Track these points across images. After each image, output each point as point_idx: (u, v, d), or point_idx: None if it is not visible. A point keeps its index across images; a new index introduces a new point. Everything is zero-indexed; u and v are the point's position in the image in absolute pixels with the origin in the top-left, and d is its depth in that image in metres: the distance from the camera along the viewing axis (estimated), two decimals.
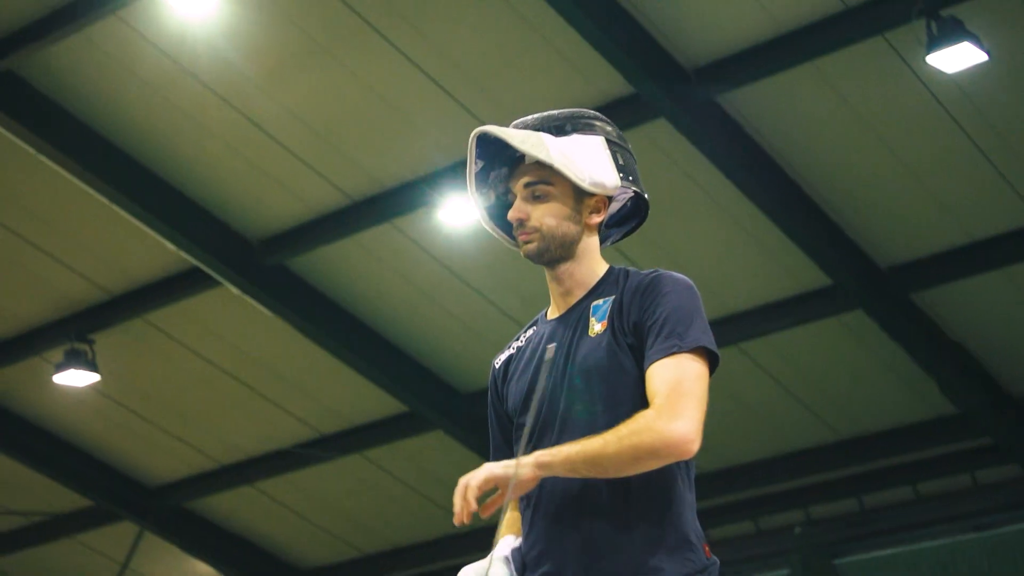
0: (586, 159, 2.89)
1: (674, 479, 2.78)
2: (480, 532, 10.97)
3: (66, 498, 11.65)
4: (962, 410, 9.37)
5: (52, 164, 8.31)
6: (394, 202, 8.59)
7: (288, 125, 8.25)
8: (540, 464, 2.68)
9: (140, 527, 11.74)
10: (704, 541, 2.79)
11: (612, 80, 7.68)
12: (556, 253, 2.91)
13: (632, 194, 3.02)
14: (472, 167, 3.00)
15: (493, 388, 3.03)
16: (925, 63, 7.17)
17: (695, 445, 2.67)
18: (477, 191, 3.02)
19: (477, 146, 2.98)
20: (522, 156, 2.94)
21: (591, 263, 2.95)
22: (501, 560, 2.82)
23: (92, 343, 9.84)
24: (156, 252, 9.11)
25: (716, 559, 2.77)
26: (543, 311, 3.03)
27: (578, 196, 2.92)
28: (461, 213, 8.42)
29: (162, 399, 10.63)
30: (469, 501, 2.66)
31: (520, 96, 7.93)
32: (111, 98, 8.20)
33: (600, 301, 2.89)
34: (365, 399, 10.25)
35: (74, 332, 9.81)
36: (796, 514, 10.67)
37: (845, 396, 9.76)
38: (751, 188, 8.07)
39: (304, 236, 8.94)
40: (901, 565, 10.34)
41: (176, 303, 9.61)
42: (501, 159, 2.99)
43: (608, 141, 2.94)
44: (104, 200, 8.55)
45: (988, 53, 7.08)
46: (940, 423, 9.69)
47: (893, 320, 8.79)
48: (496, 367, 3.04)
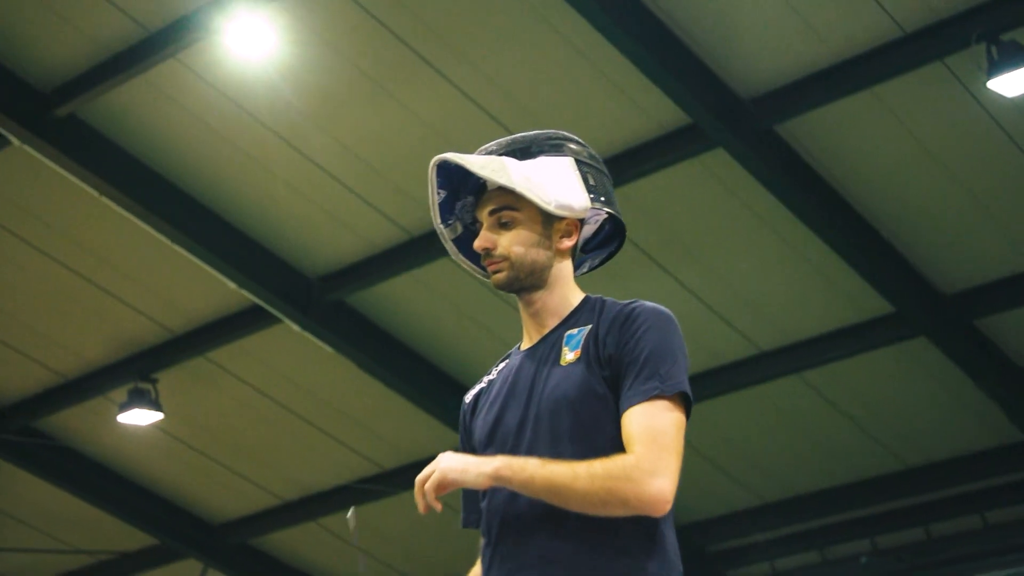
0: (552, 181, 2.78)
1: (657, 521, 2.63)
2: None
3: (132, 536, 11.72)
4: None
5: (114, 206, 8.40)
6: None
7: (345, 161, 8.29)
8: (498, 476, 2.57)
9: (204, 564, 11.78)
10: None
11: (669, 111, 7.67)
12: (526, 281, 2.80)
13: (606, 216, 2.90)
14: (434, 197, 2.87)
15: (462, 424, 2.92)
16: (985, 88, 7.12)
17: (669, 505, 2.55)
18: (444, 223, 2.90)
19: (439, 175, 2.85)
20: (487, 184, 2.83)
21: (564, 291, 2.83)
22: None
23: (155, 382, 9.91)
24: (217, 291, 9.17)
25: None
26: (516, 345, 2.91)
27: (546, 221, 2.79)
28: None
29: (225, 436, 10.69)
30: (428, 499, 2.67)
31: (575, 129, 7.86)
32: (171, 139, 8.28)
33: (574, 331, 2.77)
34: (425, 433, 10.26)
35: (138, 371, 9.89)
36: (862, 544, 10.57)
37: (909, 424, 9.67)
38: (811, 217, 8.02)
39: (362, 272, 8.98)
40: None
41: (237, 341, 9.67)
42: (467, 188, 2.87)
43: (578, 161, 2.83)
44: (166, 240, 8.62)
45: None
46: (1007, 450, 9.58)
47: (957, 347, 8.71)
48: (466, 402, 2.92)
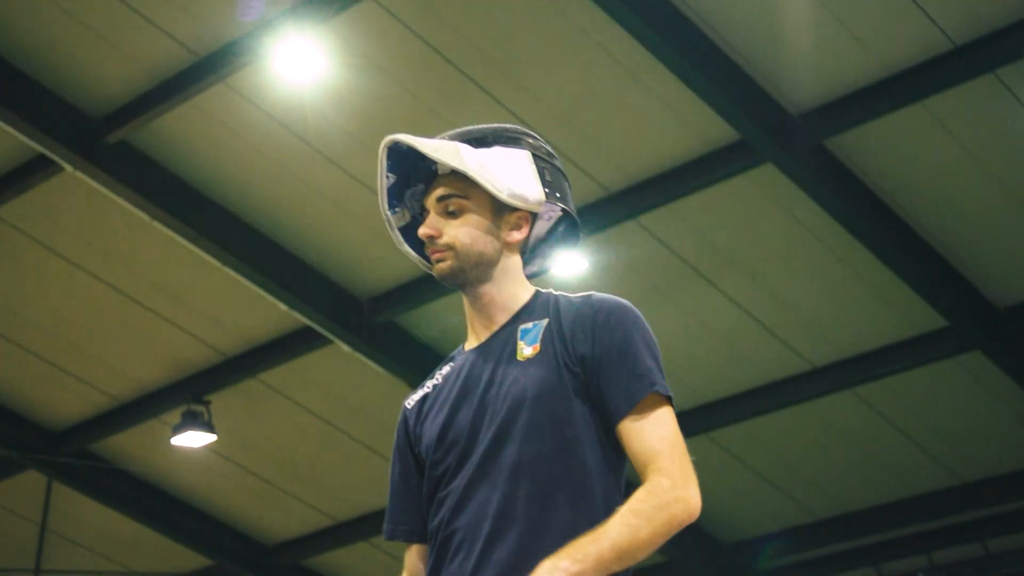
0: (506, 171, 2.64)
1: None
2: None
3: (186, 558, 11.78)
4: None
5: (165, 229, 8.46)
6: None
7: None
8: (570, 574, 2.32)
9: None
10: None
11: (717, 127, 7.65)
12: (471, 274, 2.65)
13: (560, 213, 2.76)
14: (383, 181, 2.73)
15: (403, 430, 2.72)
16: None
17: (700, 509, 2.50)
18: (391, 209, 2.75)
19: (389, 158, 2.71)
20: (438, 171, 2.69)
21: (513, 286, 2.69)
22: None
23: (208, 404, 9.96)
24: (268, 312, 9.21)
25: None
26: (460, 346, 2.77)
27: (497, 211, 2.66)
28: (570, 264, 8.42)
29: (277, 457, 10.72)
30: None
31: (625, 146, 7.94)
32: (221, 163, 8.33)
33: (529, 325, 2.63)
34: None
35: (191, 394, 9.94)
36: (919, 560, 10.48)
37: (965, 439, 9.58)
38: (861, 231, 7.98)
39: (411, 292, 8.99)
40: None
41: (289, 362, 9.71)
42: (418, 175, 2.74)
43: (535, 156, 2.70)
44: (216, 263, 8.67)
45: None
46: None
47: (1012, 360, 8.63)
48: (408, 407, 2.75)
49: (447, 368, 2.74)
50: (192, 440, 10.03)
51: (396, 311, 9.13)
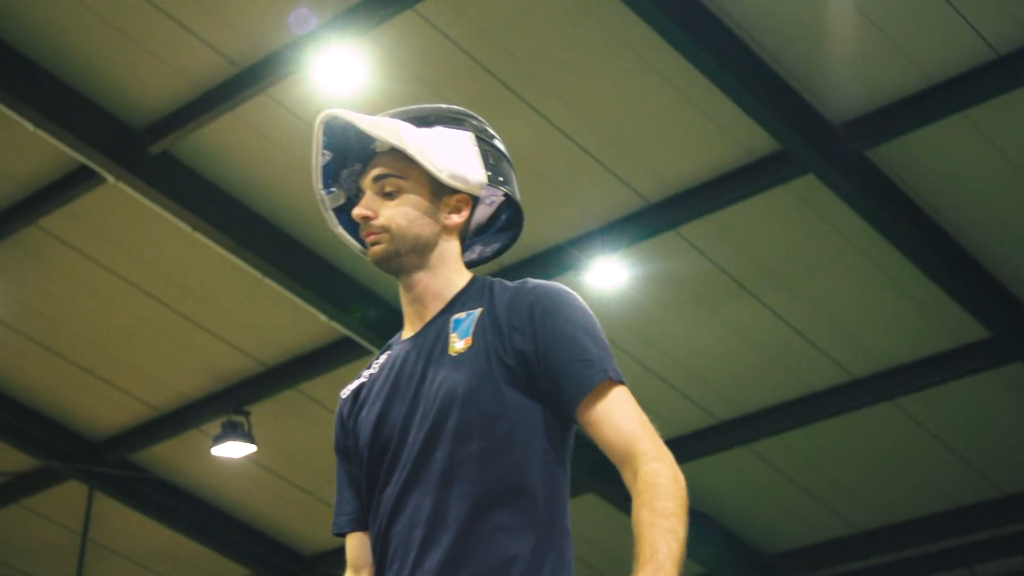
0: (448, 151, 2.54)
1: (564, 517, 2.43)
2: None
3: (226, 568, 11.81)
4: None
5: (207, 240, 8.49)
6: (542, 266, 8.60)
7: None
8: None
9: None
10: None
11: (758, 138, 7.63)
12: (407, 259, 2.55)
13: (503, 198, 2.67)
14: (317, 159, 2.64)
15: (339, 423, 2.63)
16: None
17: None
18: (325, 189, 2.66)
19: (325, 134, 2.62)
20: (376, 150, 2.60)
21: (449, 273, 2.57)
22: None
23: (248, 415, 9.99)
24: (308, 323, 9.24)
25: None
26: (398, 333, 2.65)
27: (436, 193, 2.55)
28: (609, 275, 8.41)
29: (316, 467, 10.74)
30: None
31: (665, 156, 7.92)
32: (262, 174, 8.37)
33: (462, 315, 2.51)
34: None
35: (230, 404, 9.98)
36: (961, 572, 10.43)
37: (1007, 450, 9.52)
38: (903, 242, 7.94)
39: None
40: None
41: (329, 373, 9.73)
42: (355, 153, 2.65)
43: (478, 138, 2.60)
44: (257, 274, 8.70)
45: None
46: None
47: None
48: (343, 398, 2.63)
49: (384, 357, 2.62)
50: (232, 451, 10.06)
51: None
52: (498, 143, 2.65)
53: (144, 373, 10.09)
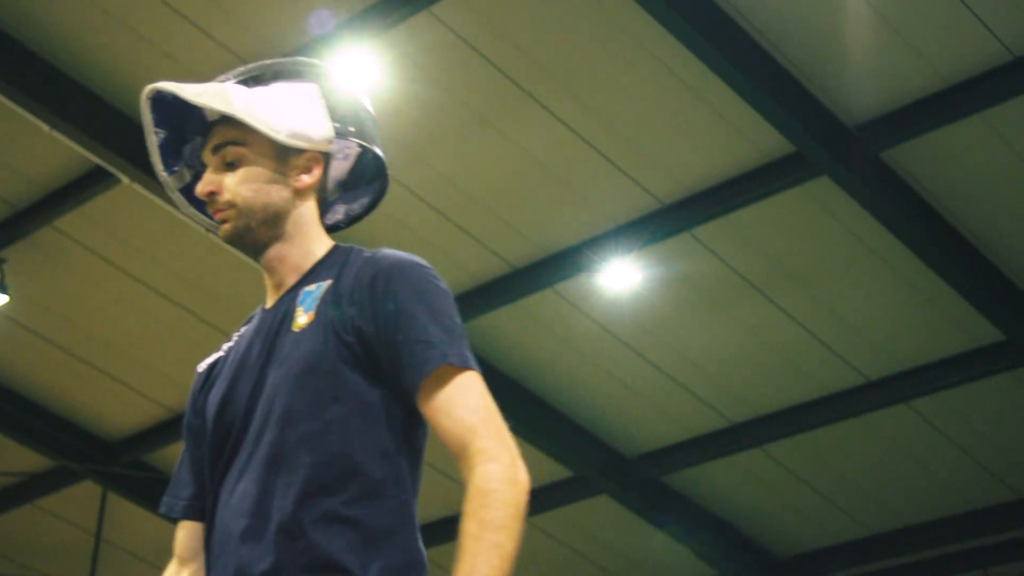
0: (285, 108, 2.36)
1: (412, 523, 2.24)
2: None
3: None
4: None
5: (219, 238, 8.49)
6: (555, 268, 8.61)
7: (446, 194, 8.33)
8: None
9: None
10: None
11: (773, 139, 7.62)
12: (260, 232, 2.36)
13: (358, 150, 2.47)
14: (151, 138, 2.42)
15: (191, 400, 2.44)
16: None
17: None
18: (167, 170, 2.45)
19: (155, 111, 2.41)
20: (216, 121, 2.40)
21: (307, 242, 2.39)
22: None
23: None
24: None
25: None
26: (262, 304, 2.47)
27: (281, 156, 2.37)
28: (623, 277, 8.41)
29: None
30: None
31: (679, 158, 7.92)
32: None
33: (312, 287, 2.32)
34: (529, 465, 10.16)
35: None
36: (976, 575, 10.39)
37: (1022, 453, 9.50)
38: (918, 244, 7.92)
39: (464, 304, 8.98)
40: None
41: None
42: (194, 127, 2.45)
43: (323, 88, 2.43)
44: None
45: None
46: None
47: None
48: (199, 373, 2.46)
49: (244, 329, 2.45)
50: None
51: None
52: (351, 91, 2.47)
53: (158, 374, 10.10)
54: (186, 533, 2.41)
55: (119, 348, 9.91)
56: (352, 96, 2.47)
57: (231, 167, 2.36)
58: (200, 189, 2.36)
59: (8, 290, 8.96)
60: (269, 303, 2.41)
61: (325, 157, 2.42)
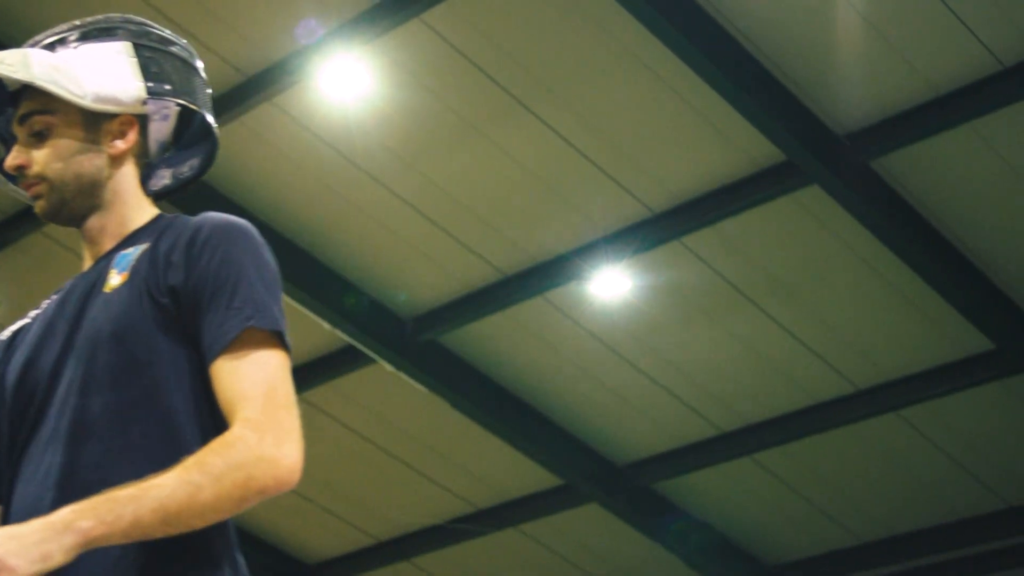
0: (91, 71, 2.21)
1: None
2: None
3: None
4: None
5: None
6: (546, 276, 8.60)
7: (437, 202, 8.33)
8: (90, 539, 1.86)
9: None
10: None
11: (763, 148, 7.63)
12: (76, 204, 2.24)
13: (178, 109, 2.31)
14: None
15: None
16: None
17: (299, 475, 2.02)
18: None
19: None
20: (22, 90, 2.26)
21: (126, 209, 2.26)
22: None
23: None
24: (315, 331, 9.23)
25: None
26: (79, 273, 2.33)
27: (91, 123, 2.23)
28: (613, 285, 8.41)
29: (317, 475, 10.73)
30: None
31: (669, 166, 7.92)
32: (265, 181, 8.36)
33: (129, 250, 2.19)
34: (520, 473, 10.24)
35: None
36: None
37: (1012, 462, 9.50)
38: (908, 253, 7.93)
39: (456, 312, 8.98)
40: None
41: (332, 380, 9.70)
42: (4, 97, 2.30)
43: (137, 46, 2.26)
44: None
45: None
46: None
47: None
48: (1, 341, 2.29)
49: (55, 296, 2.30)
50: None
51: (439, 330, 9.10)
52: (171, 47, 2.32)
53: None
54: None
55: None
56: (170, 51, 2.31)
57: (40, 137, 2.23)
58: (8, 163, 2.24)
59: None
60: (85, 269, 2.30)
61: (141, 119, 2.28)
